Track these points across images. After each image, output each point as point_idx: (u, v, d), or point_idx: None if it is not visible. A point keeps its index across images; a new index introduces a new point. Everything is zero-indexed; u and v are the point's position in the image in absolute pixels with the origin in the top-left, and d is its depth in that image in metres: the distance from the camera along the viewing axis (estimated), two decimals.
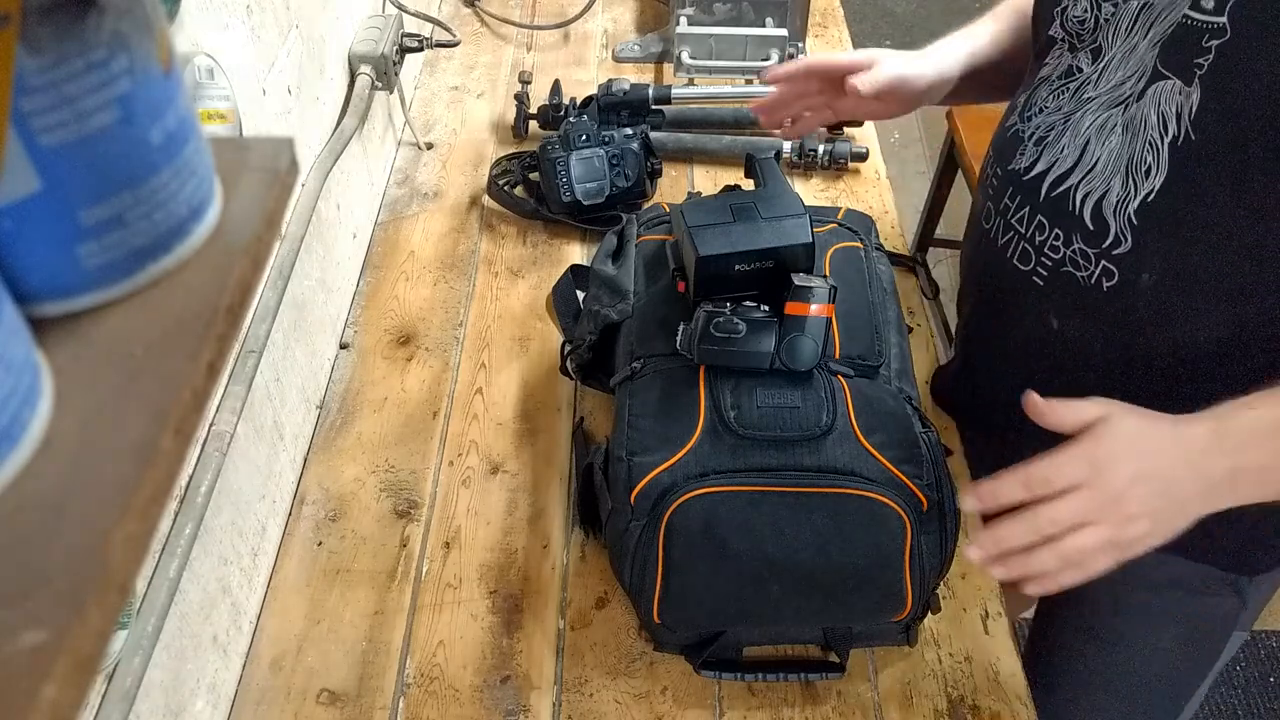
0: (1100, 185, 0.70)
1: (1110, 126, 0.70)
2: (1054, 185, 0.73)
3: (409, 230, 1.16)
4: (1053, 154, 0.74)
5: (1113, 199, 0.70)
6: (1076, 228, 0.72)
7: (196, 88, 0.65)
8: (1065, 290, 0.74)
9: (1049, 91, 0.75)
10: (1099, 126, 0.71)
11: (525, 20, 1.47)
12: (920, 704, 0.75)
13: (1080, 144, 0.72)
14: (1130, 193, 0.68)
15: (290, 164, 0.37)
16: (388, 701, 0.76)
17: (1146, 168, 0.67)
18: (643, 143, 1.12)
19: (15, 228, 0.27)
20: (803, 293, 0.71)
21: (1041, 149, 0.75)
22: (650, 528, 0.69)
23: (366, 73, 1.06)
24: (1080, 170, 0.72)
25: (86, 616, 0.23)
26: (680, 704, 0.75)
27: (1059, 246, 0.73)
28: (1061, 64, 0.75)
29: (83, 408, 0.27)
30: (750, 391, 0.71)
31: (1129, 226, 0.69)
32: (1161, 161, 0.66)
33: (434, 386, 0.98)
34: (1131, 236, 0.69)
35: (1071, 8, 0.73)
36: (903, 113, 0.86)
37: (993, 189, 0.80)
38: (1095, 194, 0.71)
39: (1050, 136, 0.74)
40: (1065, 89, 0.74)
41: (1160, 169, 0.67)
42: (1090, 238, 0.71)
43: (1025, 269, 0.76)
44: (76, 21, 0.26)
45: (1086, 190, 0.71)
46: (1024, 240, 0.76)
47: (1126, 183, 0.69)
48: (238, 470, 0.76)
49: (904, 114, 0.86)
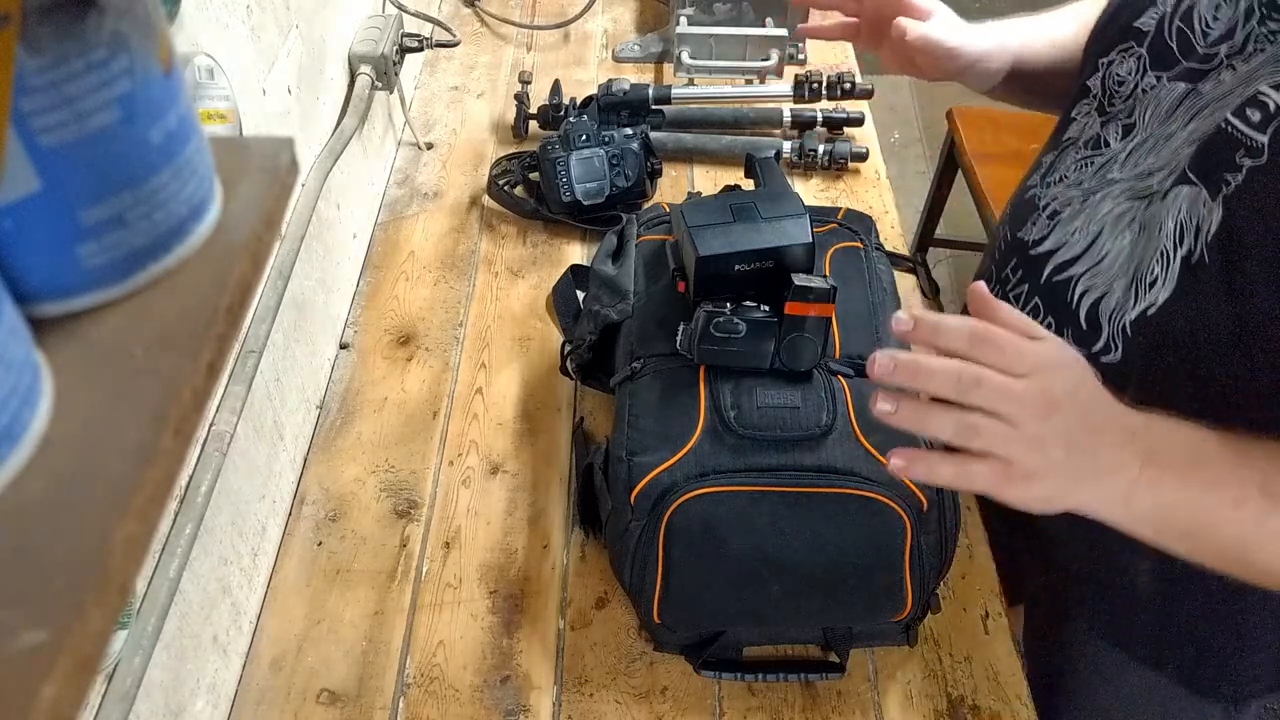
0: (1102, 285, 0.64)
1: (1127, 221, 0.63)
2: (1057, 270, 0.68)
3: (409, 230, 1.16)
4: (1063, 234, 0.68)
5: (1111, 303, 0.63)
6: (1069, 322, 0.66)
7: (196, 88, 0.65)
8: None
9: (1074, 160, 0.70)
10: (1115, 217, 0.64)
11: (525, 20, 1.47)
12: (920, 704, 0.75)
13: (1093, 232, 0.66)
14: (1130, 302, 0.62)
15: (290, 164, 0.37)
16: (388, 701, 0.76)
17: (1153, 279, 0.60)
18: (643, 143, 1.12)
19: (15, 228, 0.27)
20: (803, 293, 0.71)
21: (1054, 225, 0.69)
22: (650, 528, 0.69)
23: (366, 73, 1.06)
24: (1086, 261, 0.66)
25: (86, 616, 0.23)
26: (680, 704, 0.75)
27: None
28: (1090, 129, 0.69)
29: (83, 408, 0.27)
30: (750, 391, 0.71)
31: (1121, 336, 0.63)
32: (1169, 277, 0.59)
33: (434, 386, 0.98)
34: (1122, 348, 0.63)
35: (1117, 64, 0.67)
36: (934, 79, 0.79)
37: (999, 254, 0.76)
38: (1095, 292, 0.65)
39: (1065, 213, 0.68)
40: (1090, 162, 0.68)
41: (1166, 284, 0.59)
42: (1081, 337, 0.65)
43: None
44: (76, 21, 0.26)
45: (1088, 285, 0.65)
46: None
47: (1129, 290, 0.62)
48: (238, 470, 0.76)
49: (934, 80, 0.79)
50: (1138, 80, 0.66)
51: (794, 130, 1.24)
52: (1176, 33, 0.64)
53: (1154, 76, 0.64)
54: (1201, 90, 0.61)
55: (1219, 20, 0.61)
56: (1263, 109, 0.54)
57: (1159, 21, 0.66)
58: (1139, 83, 0.66)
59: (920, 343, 0.51)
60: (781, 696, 0.75)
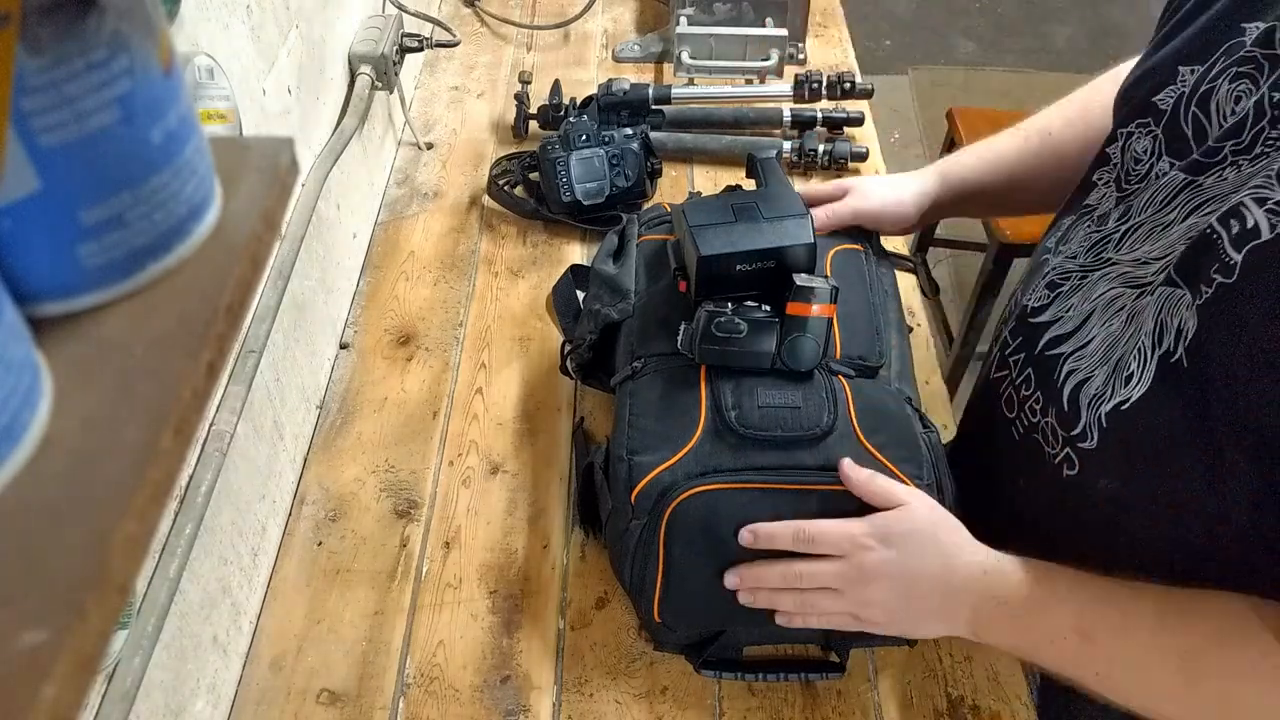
0: (1085, 369, 0.63)
1: (1118, 308, 0.61)
2: (1050, 344, 0.66)
3: (409, 230, 1.16)
4: (1060, 308, 0.67)
5: (1091, 390, 0.62)
6: (1054, 402, 0.65)
7: (196, 88, 0.65)
8: (1032, 459, 0.68)
9: (1085, 231, 0.68)
10: (1107, 301, 0.63)
11: (525, 20, 1.47)
12: (920, 704, 0.75)
13: (1085, 311, 0.64)
14: (1108, 393, 0.60)
15: (290, 164, 0.37)
16: (388, 701, 0.76)
17: (1129, 373, 0.59)
18: (643, 143, 1.12)
19: (15, 228, 0.27)
20: (804, 293, 0.71)
21: (1054, 296, 0.68)
22: (651, 527, 0.69)
23: (366, 73, 1.06)
24: (1075, 342, 0.64)
25: (86, 616, 0.23)
26: (680, 704, 0.75)
27: (1036, 411, 0.67)
28: (1106, 202, 0.67)
29: (83, 408, 0.27)
30: (751, 391, 0.71)
31: (1097, 426, 0.61)
32: (1145, 374, 0.57)
33: (434, 386, 0.98)
34: (1097, 437, 0.61)
35: (1136, 138, 0.64)
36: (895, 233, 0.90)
37: (1008, 312, 0.75)
38: (1079, 376, 0.63)
39: (1065, 287, 0.67)
40: (1092, 237, 0.67)
41: (1142, 382, 0.58)
42: (1063, 419, 0.64)
43: (1009, 416, 0.71)
44: (76, 21, 0.26)
45: (1073, 368, 0.64)
46: (1011, 386, 0.71)
47: (1110, 380, 0.60)
48: (238, 470, 0.76)
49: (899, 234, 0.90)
50: (1152, 163, 0.63)
51: (794, 130, 1.24)
52: (1193, 119, 0.61)
53: (1167, 163, 0.62)
54: (1203, 185, 0.58)
55: (1235, 115, 0.57)
56: (1241, 223, 0.52)
57: (1176, 102, 0.62)
58: (1153, 166, 0.63)
59: (760, 547, 0.67)
60: (781, 696, 0.75)
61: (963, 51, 3.21)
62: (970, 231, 2.10)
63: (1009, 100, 2.89)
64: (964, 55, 3.20)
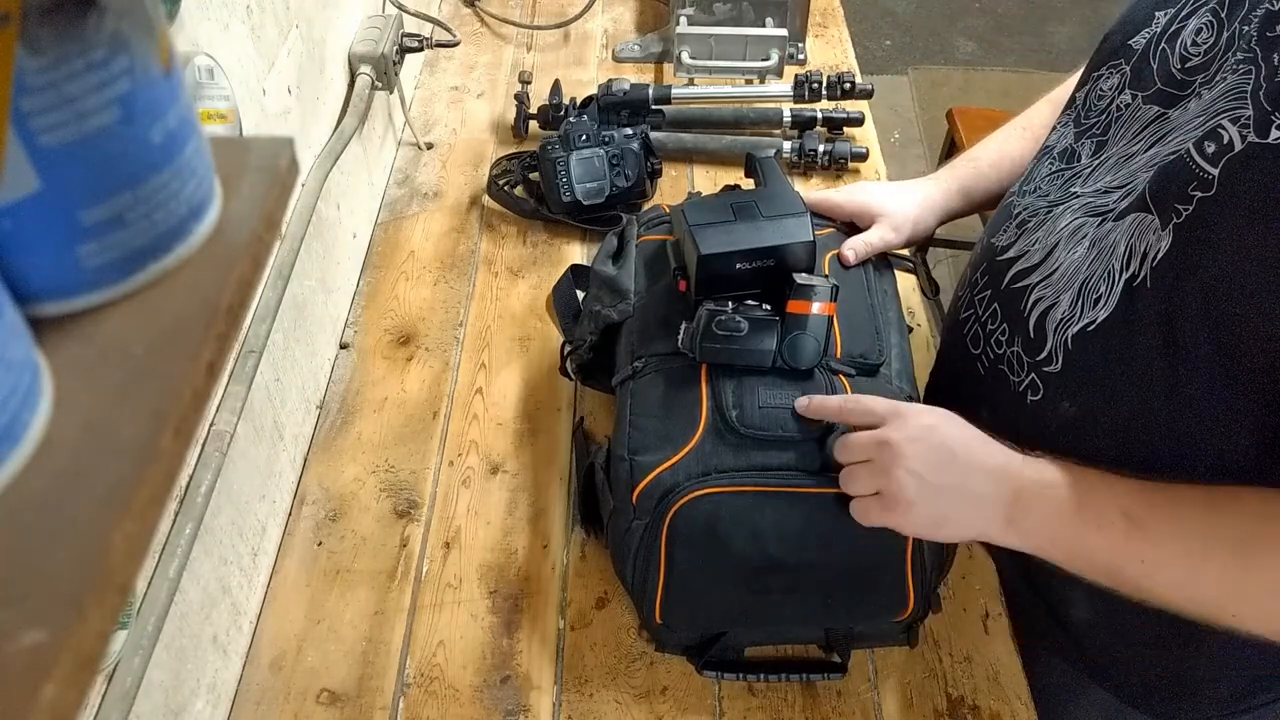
0: (1051, 296, 0.66)
1: (1081, 236, 0.65)
2: (1016, 278, 0.69)
3: (409, 230, 1.15)
4: (1026, 243, 0.69)
5: (1057, 315, 0.65)
6: (1020, 330, 0.68)
7: (196, 88, 0.65)
8: (996, 389, 0.71)
9: (1048, 171, 0.71)
10: (1070, 231, 0.66)
11: (525, 20, 1.47)
12: (920, 704, 0.75)
13: (1050, 244, 0.67)
14: (1074, 316, 0.63)
15: (290, 164, 0.37)
16: (388, 701, 0.76)
17: (1097, 296, 0.62)
18: (643, 143, 1.12)
19: (15, 228, 0.27)
20: (805, 291, 0.71)
21: (1020, 234, 0.70)
22: (652, 528, 0.69)
23: (366, 73, 1.06)
24: (1041, 272, 0.67)
25: (86, 616, 0.23)
26: (680, 704, 0.75)
27: (1002, 342, 0.70)
28: (1064, 139, 0.70)
29: (83, 408, 0.27)
30: (752, 390, 0.71)
31: (1062, 349, 0.64)
32: (1113, 297, 0.60)
33: (434, 386, 0.98)
34: (1062, 360, 0.64)
35: (1107, 76, 0.68)
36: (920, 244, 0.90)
37: (975, 256, 0.78)
38: (1044, 303, 0.66)
39: (1031, 224, 0.70)
40: (1060, 175, 0.69)
41: (1108, 304, 0.61)
42: (1028, 346, 0.67)
43: (974, 353, 0.74)
44: (76, 21, 0.26)
45: (1039, 296, 0.67)
46: (978, 323, 0.74)
47: (1075, 304, 0.63)
48: (238, 470, 0.76)
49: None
50: (1114, 96, 0.67)
51: (794, 130, 1.24)
52: (1159, 54, 0.64)
53: (1130, 94, 0.65)
54: (1170, 116, 0.61)
55: (1198, 46, 0.61)
56: (1218, 141, 0.55)
57: (1147, 43, 0.66)
58: (1115, 99, 0.66)
59: (811, 415, 0.68)
60: (782, 696, 0.75)
61: (962, 51, 3.21)
62: (970, 232, 2.10)
63: (1009, 100, 2.88)
64: (964, 55, 3.20)
